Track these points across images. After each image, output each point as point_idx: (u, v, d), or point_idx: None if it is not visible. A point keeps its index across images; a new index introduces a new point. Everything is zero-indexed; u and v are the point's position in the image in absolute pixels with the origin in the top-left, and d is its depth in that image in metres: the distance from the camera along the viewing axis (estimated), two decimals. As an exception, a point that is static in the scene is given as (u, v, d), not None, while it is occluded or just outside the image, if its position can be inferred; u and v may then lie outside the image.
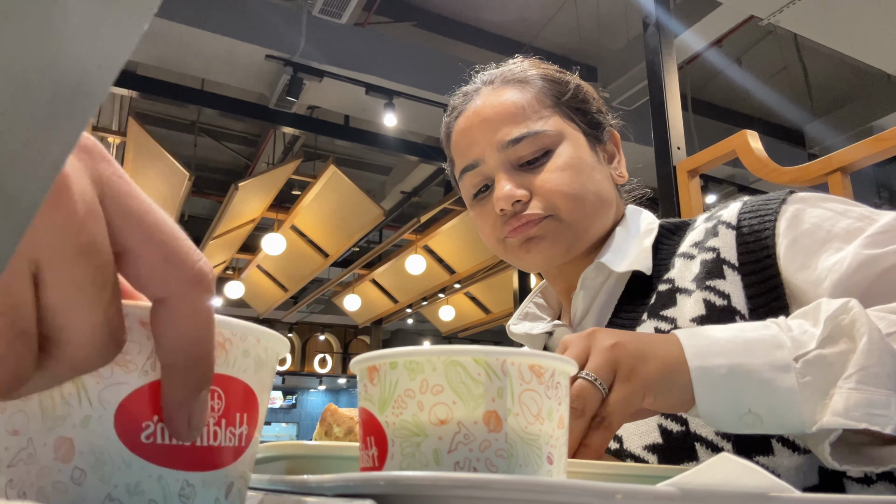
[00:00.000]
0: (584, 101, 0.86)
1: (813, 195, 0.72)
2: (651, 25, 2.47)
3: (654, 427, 0.69)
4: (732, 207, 0.77)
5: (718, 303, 0.70)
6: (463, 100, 0.88)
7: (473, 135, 0.83)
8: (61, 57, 0.16)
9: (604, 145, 0.87)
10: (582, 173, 0.80)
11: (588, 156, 0.82)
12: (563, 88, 0.84)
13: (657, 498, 0.29)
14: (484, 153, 0.81)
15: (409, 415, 0.32)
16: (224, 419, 0.29)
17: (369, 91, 4.63)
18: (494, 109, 0.81)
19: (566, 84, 0.85)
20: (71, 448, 0.26)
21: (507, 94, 0.82)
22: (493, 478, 0.25)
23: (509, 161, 0.80)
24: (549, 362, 0.34)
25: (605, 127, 0.88)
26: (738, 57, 5.29)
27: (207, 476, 0.28)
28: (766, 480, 0.31)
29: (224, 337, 0.29)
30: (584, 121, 0.84)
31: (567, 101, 0.84)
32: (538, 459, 0.32)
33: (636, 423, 0.71)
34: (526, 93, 0.82)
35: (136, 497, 0.26)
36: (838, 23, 3.49)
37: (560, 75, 0.87)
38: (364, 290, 8.13)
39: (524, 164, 0.80)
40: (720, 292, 0.71)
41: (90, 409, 0.26)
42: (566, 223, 0.79)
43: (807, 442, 0.54)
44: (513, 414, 0.32)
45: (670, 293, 0.76)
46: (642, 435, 0.70)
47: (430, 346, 0.34)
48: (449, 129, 0.89)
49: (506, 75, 0.86)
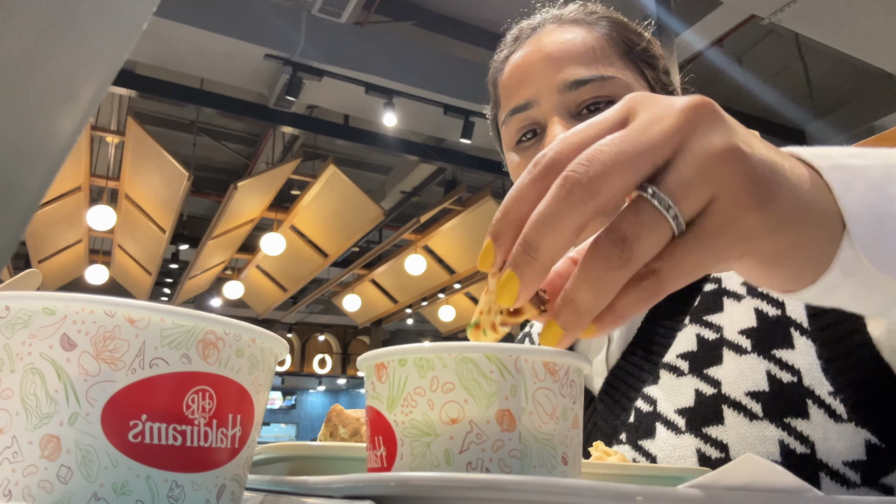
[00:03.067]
0: (656, 58, 0.77)
1: None
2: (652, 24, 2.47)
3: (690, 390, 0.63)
4: None
5: (772, 313, 0.63)
6: (520, 34, 0.78)
7: (531, 72, 0.72)
8: (61, 56, 0.16)
9: None
10: None
11: None
12: (637, 38, 0.76)
13: (679, 500, 0.28)
14: (540, 94, 0.71)
15: (419, 413, 0.30)
16: (215, 420, 0.28)
17: (369, 90, 4.63)
18: (560, 46, 0.72)
19: (640, 34, 0.77)
20: (57, 446, 0.26)
21: (575, 32, 0.73)
22: (509, 479, 0.24)
23: (567, 107, 0.70)
24: (563, 359, 0.32)
25: (673, 90, 0.78)
26: (738, 56, 5.29)
27: (197, 477, 0.27)
28: (790, 480, 0.30)
29: (216, 335, 0.28)
30: (654, 79, 0.75)
31: (639, 53, 0.74)
32: (553, 460, 0.31)
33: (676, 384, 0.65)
34: (595, 35, 0.73)
35: (122, 497, 0.25)
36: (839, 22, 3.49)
37: (631, 25, 0.78)
38: (364, 291, 8.13)
39: (584, 113, 0.70)
40: (774, 300, 0.64)
41: (77, 406, 0.26)
42: None
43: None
44: (527, 413, 0.30)
45: (716, 296, 0.69)
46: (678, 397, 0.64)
47: (440, 342, 0.32)
48: (500, 66, 0.79)
49: (573, 14, 0.77)
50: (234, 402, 0.29)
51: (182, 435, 0.27)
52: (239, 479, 0.30)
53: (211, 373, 0.28)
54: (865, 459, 0.56)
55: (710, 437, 0.62)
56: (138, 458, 0.26)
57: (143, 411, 0.26)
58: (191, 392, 0.27)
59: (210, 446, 0.28)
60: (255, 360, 0.30)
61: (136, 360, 0.26)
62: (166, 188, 5.39)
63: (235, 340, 0.29)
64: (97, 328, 0.26)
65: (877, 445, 0.56)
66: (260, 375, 0.31)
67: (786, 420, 0.59)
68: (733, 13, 4.18)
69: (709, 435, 0.62)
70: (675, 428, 0.65)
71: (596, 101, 0.70)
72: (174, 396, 0.27)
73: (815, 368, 0.59)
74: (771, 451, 0.59)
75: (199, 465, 0.27)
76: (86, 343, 0.26)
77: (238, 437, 0.29)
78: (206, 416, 0.28)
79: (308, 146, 6.77)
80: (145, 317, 0.27)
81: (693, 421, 0.63)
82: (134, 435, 0.26)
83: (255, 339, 0.30)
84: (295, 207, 6.22)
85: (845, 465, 0.56)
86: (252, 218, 6.42)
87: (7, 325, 0.27)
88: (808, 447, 0.57)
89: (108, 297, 0.27)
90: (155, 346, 0.27)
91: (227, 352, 0.29)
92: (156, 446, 0.26)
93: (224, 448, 0.29)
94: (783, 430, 0.59)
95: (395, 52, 4.78)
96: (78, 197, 5.73)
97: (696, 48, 4.62)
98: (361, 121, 5.36)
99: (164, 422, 0.26)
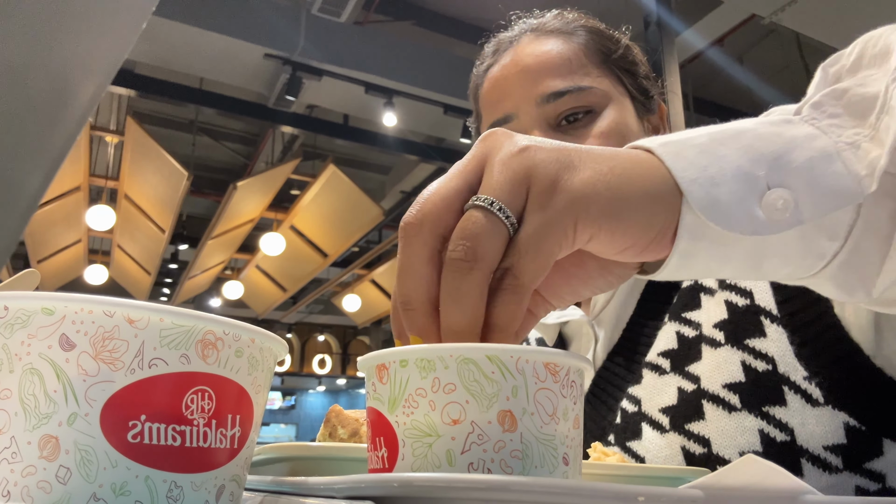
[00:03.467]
0: (634, 63, 0.77)
1: None
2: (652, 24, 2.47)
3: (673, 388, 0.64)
4: None
5: (741, 303, 0.64)
6: (498, 47, 0.79)
7: (509, 85, 0.74)
8: (61, 55, 0.15)
9: (651, 116, 0.78)
10: (626, 142, 0.76)
11: (635, 124, 0.74)
12: (614, 45, 0.76)
13: (681, 500, 0.28)
14: (519, 107, 0.73)
15: (421, 414, 0.30)
16: (214, 420, 0.28)
17: (369, 90, 4.63)
18: (537, 59, 0.73)
19: (617, 41, 0.77)
20: (56, 447, 0.26)
21: (552, 43, 0.74)
22: (514, 480, 0.24)
23: (547, 118, 0.71)
24: (564, 360, 0.32)
25: (654, 96, 0.79)
26: (739, 56, 5.29)
27: (197, 478, 0.27)
28: (791, 482, 0.30)
29: (215, 335, 0.28)
30: (633, 84, 0.76)
31: (616, 60, 0.75)
32: (554, 460, 0.31)
33: (658, 383, 0.65)
34: (572, 45, 0.74)
35: (122, 497, 0.25)
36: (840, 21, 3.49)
37: (609, 33, 0.78)
38: (364, 291, 8.13)
39: (563, 125, 0.71)
40: (742, 290, 0.65)
41: (76, 407, 0.26)
42: None
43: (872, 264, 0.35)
44: (528, 413, 0.30)
45: (693, 292, 0.69)
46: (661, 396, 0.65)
47: (441, 343, 0.32)
48: (479, 80, 0.80)
49: (550, 25, 0.77)
50: (234, 403, 0.29)
51: (181, 435, 0.27)
52: (238, 479, 0.30)
53: (210, 373, 0.28)
54: (845, 443, 0.56)
55: (692, 434, 0.62)
56: (137, 458, 0.26)
57: (142, 412, 0.26)
58: (190, 392, 0.27)
59: (209, 447, 0.28)
60: (255, 360, 0.30)
61: (136, 360, 0.26)
62: (166, 188, 5.39)
63: (235, 341, 0.29)
64: (96, 328, 0.26)
65: (856, 428, 0.56)
66: (259, 376, 0.31)
67: (764, 409, 0.59)
68: (734, 12, 4.18)
69: (691, 431, 0.62)
70: (659, 427, 0.65)
71: (574, 111, 0.71)
72: (173, 397, 0.27)
73: (789, 355, 0.59)
74: (752, 441, 0.59)
75: (198, 465, 0.27)
76: (85, 343, 0.26)
77: (237, 437, 0.29)
78: (206, 416, 0.28)
79: (308, 146, 6.78)
80: (144, 317, 0.27)
81: (676, 419, 0.64)
82: (133, 435, 0.26)
83: (255, 340, 0.30)
84: (295, 207, 6.23)
85: (826, 450, 0.56)
86: (252, 218, 6.42)
87: (6, 326, 0.27)
88: (787, 434, 0.58)
89: (107, 298, 0.27)
90: (154, 347, 0.27)
91: (227, 352, 0.29)
92: (155, 447, 0.26)
93: (223, 448, 0.29)
94: (762, 419, 0.59)
95: (395, 52, 4.79)
96: (77, 197, 5.74)
97: (697, 48, 4.62)
98: (361, 120, 5.36)
99: (164, 422, 0.26)
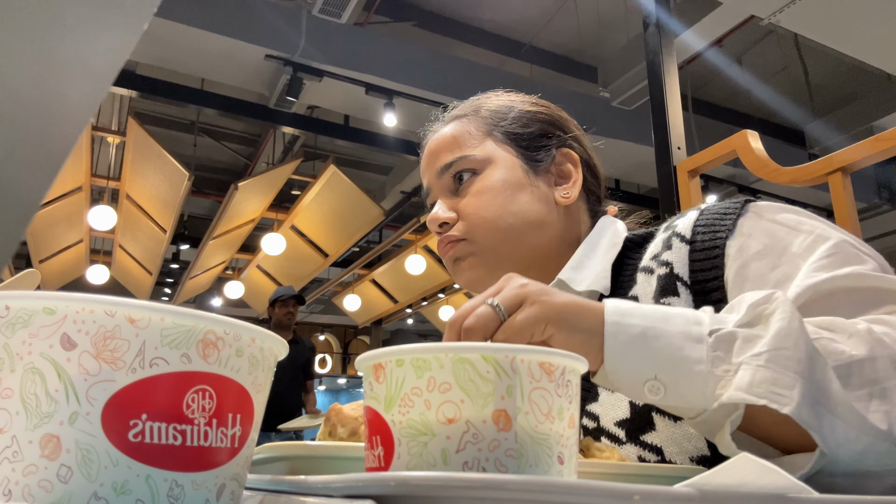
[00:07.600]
0: (527, 126, 0.88)
1: (769, 206, 0.71)
2: (651, 25, 2.46)
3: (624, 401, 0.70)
4: (689, 217, 0.74)
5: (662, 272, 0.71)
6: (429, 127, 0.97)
7: (423, 166, 0.92)
8: (62, 56, 0.16)
9: (547, 166, 0.88)
10: (500, 196, 0.83)
11: (517, 178, 0.85)
12: (504, 115, 0.89)
13: (675, 499, 0.28)
14: (430, 182, 0.90)
15: (417, 413, 0.31)
16: (215, 419, 0.28)
17: (369, 91, 4.63)
18: (436, 142, 0.90)
19: (509, 109, 0.90)
20: (57, 446, 0.26)
21: (449, 126, 0.90)
22: (510, 478, 0.24)
23: (446, 187, 0.88)
24: (559, 360, 0.33)
25: (553, 148, 0.88)
26: (738, 57, 5.29)
27: (197, 477, 0.27)
28: (785, 481, 0.31)
29: (216, 335, 0.28)
30: (521, 144, 0.87)
31: (505, 126, 0.88)
32: (548, 459, 0.31)
33: (612, 399, 0.71)
34: (467, 124, 0.89)
35: (123, 496, 0.25)
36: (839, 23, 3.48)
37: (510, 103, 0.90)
38: (364, 290, 8.13)
39: (458, 184, 0.87)
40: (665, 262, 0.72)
41: (77, 406, 0.26)
42: (481, 246, 0.82)
43: (709, 432, 0.53)
44: (522, 413, 0.30)
45: None
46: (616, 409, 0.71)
47: (438, 343, 0.33)
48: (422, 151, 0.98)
49: (458, 110, 0.93)
50: (234, 402, 0.29)
51: (182, 434, 0.27)
52: (239, 478, 0.30)
53: (211, 372, 0.28)
54: None
55: (646, 444, 0.67)
56: (138, 457, 0.26)
57: (143, 411, 0.26)
58: (191, 392, 0.27)
59: (210, 446, 0.28)
60: (255, 359, 0.30)
61: (137, 359, 0.26)
62: (167, 188, 5.39)
63: (235, 340, 0.29)
64: (97, 328, 0.26)
65: None
66: (260, 375, 0.31)
67: None
68: (733, 13, 4.18)
69: (645, 441, 0.67)
70: (617, 440, 0.70)
71: (460, 172, 0.86)
72: (174, 396, 0.27)
73: None
74: (699, 446, 0.64)
75: (199, 464, 0.27)
76: (86, 343, 0.26)
77: (238, 436, 0.29)
78: (206, 415, 0.28)
79: (308, 146, 6.77)
80: (145, 316, 0.27)
81: (631, 431, 0.68)
82: (134, 434, 0.26)
83: (255, 339, 0.30)
84: (295, 207, 6.22)
85: None
86: (252, 218, 6.42)
87: (7, 325, 0.27)
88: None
89: (109, 297, 0.27)
90: (155, 346, 0.27)
91: (227, 351, 0.29)
92: (156, 446, 0.26)
93: (224, 447, 0.29)
94: None
95: (395, 53, 4.78)
96: (79, 197, 5.74)
97: (696, 48, 4.62)
98: (361, 121, 5.36)
99: (165, 421, 0.26)
